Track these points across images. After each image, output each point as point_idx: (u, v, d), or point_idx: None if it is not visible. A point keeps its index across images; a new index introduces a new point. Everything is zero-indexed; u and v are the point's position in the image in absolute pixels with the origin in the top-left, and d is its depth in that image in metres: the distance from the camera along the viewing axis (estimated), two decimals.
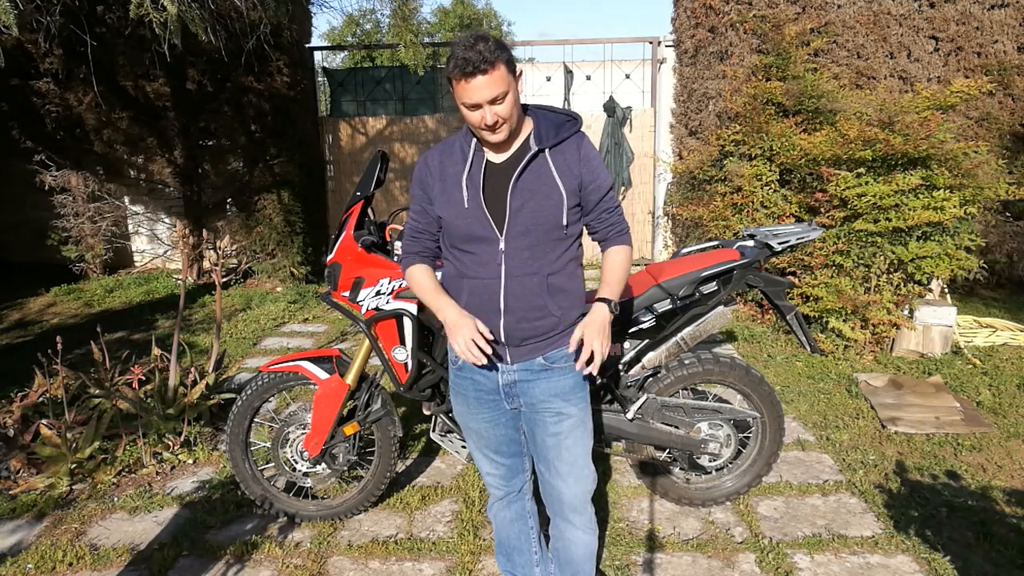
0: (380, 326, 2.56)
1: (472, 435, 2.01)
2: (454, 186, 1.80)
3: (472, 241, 1.79)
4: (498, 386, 1.88)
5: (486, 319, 1.78)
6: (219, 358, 3.81)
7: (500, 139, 1.73)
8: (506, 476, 2.04)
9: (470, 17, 25.02)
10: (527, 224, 1.74)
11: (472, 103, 1.66)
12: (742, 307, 5.81)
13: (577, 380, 1.87)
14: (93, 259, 7.18)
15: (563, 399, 1.86)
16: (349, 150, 7.96)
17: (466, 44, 1.61)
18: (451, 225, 1.81)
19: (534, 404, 1.88)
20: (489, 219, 1.75)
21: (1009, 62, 6.06)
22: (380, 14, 16.11)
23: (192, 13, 4.34)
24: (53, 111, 6.41)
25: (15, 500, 2.99)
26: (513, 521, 2.11)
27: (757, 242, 2.69)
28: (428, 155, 1.89)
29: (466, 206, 1.76)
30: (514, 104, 1.69)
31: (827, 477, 3.16)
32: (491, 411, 1.93)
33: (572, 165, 1.77)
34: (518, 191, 1.74)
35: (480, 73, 1.60)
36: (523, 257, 1.76)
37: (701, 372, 2.72)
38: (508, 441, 1.99)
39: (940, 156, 4.42)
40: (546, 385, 1.85)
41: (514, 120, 1.72)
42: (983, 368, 4.42)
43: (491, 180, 1.78)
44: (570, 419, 1.87)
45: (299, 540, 2.72)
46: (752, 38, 6.25)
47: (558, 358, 1.84)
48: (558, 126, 1.80)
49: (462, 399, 1.97)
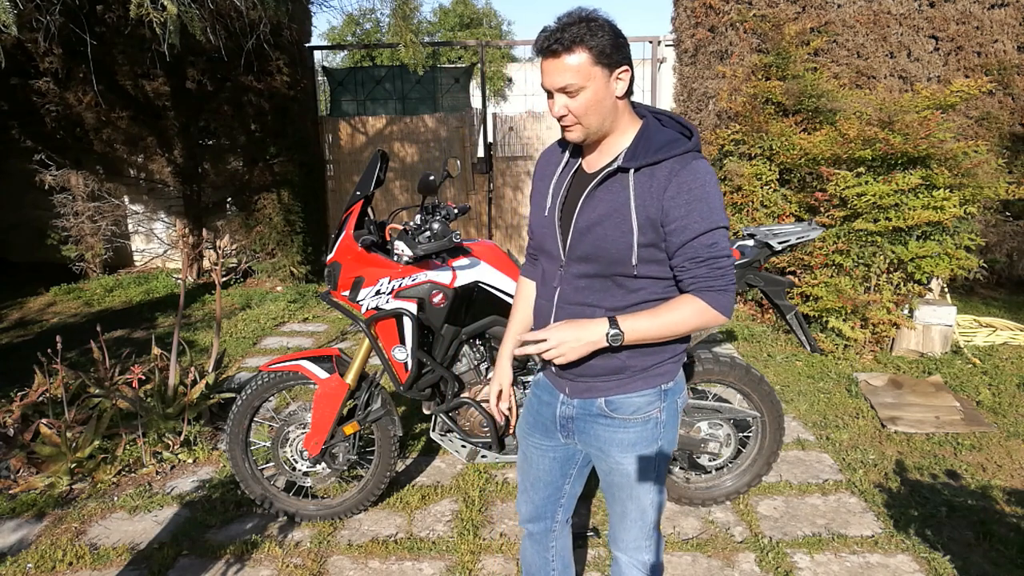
0: (380, 325, 2.56)
1: (521, 456, 1.84)
2: (545, 189, 1.62)
3: (543, 253, 1.63)
4: (555, 416, 1.68)
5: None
6: (219, 357, 3.81)
7: (574, 139, 1.50)
8: (531, 514, 1.86)
9: (470, 16, 25.00)
10: (588, 251, 1.50)
11: (544, 87, 1.44)
12: (742, 306, 5.81)
13: (641, 436, 1.60)
14: (93, 258, 7.17)
15: (619, 451, 1.62)
16: (349, 149, 7.95)
17: (559, 20, 1.40)
18: (533, 232, 1.66)
19: (589, 446, 1.68)
20: (558, 234, 1.56)
21: (1009, 61, 6.06)
22: (380, 13, 16.12)
23: (192, 13, 4.34)
24: (53, 110, 6.40)
25: (15, 499, 2.99)
26: (534, 553, 1.93)
27: (757, 241, 2.69)
28: (545, 151, 1.70)
29: (545, 214, 1.59)
30: (594, 103, 1.42)
31: (827, 477, 3.16)
32: (545, 439, 1.74)
33: (657, 193, 1.43)
34: (586, 211, 1.50)
35: (553, 55, 1.39)
36: (578, 286, 1.54)
37: (701, 371, 2.72)
38: (545, 481, 1.79)
39: (940, 155, 4.42)
40: (603, 433, 1.62)
41: (592, 123, 1.45)
42: (983, 368, 4.42)
43: (575, 191, 1.56)
44: (622, 475, 1.64)
45: (299, 539, 2.72)
46: (752, 37, 6.25)
47: (623, 407, 1.58)
48: (662, 143, 1.46)
49: (527, 414, 1.80)
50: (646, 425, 1.60)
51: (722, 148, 5.85)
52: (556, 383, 1.67)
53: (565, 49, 1.38)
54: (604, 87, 1.42)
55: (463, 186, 7.89)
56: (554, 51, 1.39)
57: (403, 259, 2.49)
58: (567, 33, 1.37)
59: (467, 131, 7.80)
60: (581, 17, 1.39)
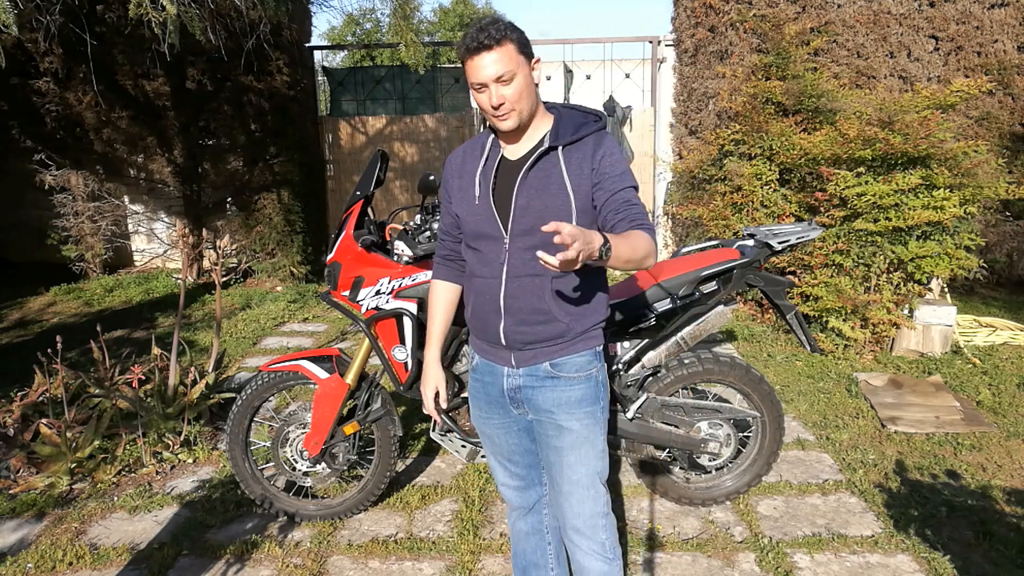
0: (380, 325, 2.56)
1: (486, 440, 1.95)
2: (469, 182, 1.76)
3: (480, 238, 1.74)
4: (503, 390, 1.81)
5: (487, 320, 1.75)
6: (219, 357, 3.81)
7: (509, 126, 1.65)
8: (520, 488, 1.97)
9: (470, 16, 25.01)
10: (531, 224, 1.66)
11: (479, 82, 1.61)
12: (742, 306, 5.81)
13: (585, 393, 1.76)
14: (93, 258, 7.18)
15: (567, 411, 1.76)
16: (349, 149, 7.95)
17: (478, 25, 1.59)
18: (464, 222, 1.78)
19: (538, 414, 1.80)
20: (496, 216, 1.70)
21: (1009, 61, 6.06)
22: (380, 13, 16.12)
23: (191, 13, 4.34)
24: (53, 110, 6.40)
25: (15, 499, 2.99)
26: (529, 535, 2.03)
27: (757, 241, 2.69)
28: (454, 153, 1.86)
29: (476, 202, 1.73)
30: (524, 89, 1.62)
31: (827, 476, 3.16)
32: (502, 416, 1.86)
33: (585, 164, 1.66)
34: (524, 189, 1.68)
35: (485, 49, 1.57)
36: (525, 258, 1.67)
37: (701, 371, 2.71)
38: (521, 451, 1.91)
39: (940, 155, 4.42)
40: (551, 394, 1.76)
41: (524, 107, 1.64)
42: (983, 367, 4.42)
43: (503, 177, 1.72)
44: (572, 434, 1.77)
45: (299, 539, 2.72)
46: (752, 37, 6.25)
47: (567, 366, 1.74)
48: (578, 124, 1.71)
49: (475, 401, 1.92)
50: (588, 383, 1.77)
51: (722, 148, 5.85)
52: (498, 359, 1.80)
53: (496, 42, 1.57)
54: (528, 73, 1.64)
55: None
56: (487, 46, 1.57)
57: (403, 259, 2.49)
58: (493, 29, 1.57)
59: (467, 131, 7.79)
60: (495, 19, 1.61)
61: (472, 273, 1.80)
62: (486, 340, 1.81)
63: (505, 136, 1.73)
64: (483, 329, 1.79)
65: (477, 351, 1.88)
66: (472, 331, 1.87)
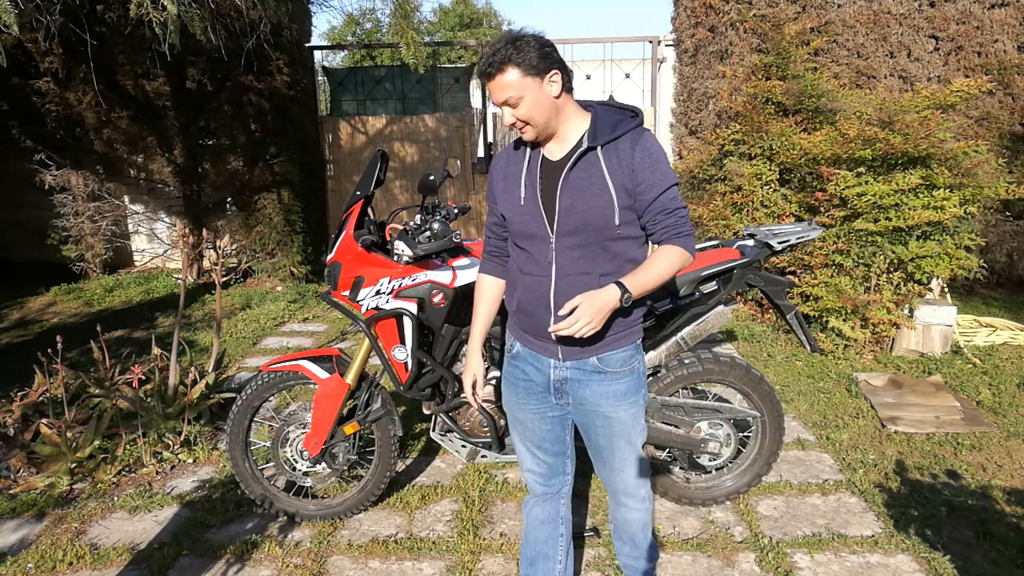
0: (380, 325, 2.56)
1: (517, 426, 2.00)
2: (514, 184, 1.81)
3: (526, 238, 1.80)
4: (548, 381, 1.87)
5: (536, 315, 1.81)
6: (219, 357, 3.81)
7: (529, 139, 1.74)
8: (546, 474, 2.02)
9: (470, 16, 25.01)
10: (576, 223, 1.71)
11: (492, 103, 1.71)
12: (742, 306, 5.81)
13: (629, 386, 1.85)
14: (93, 258, 7.18)
15: (613, 403, 1.84)
16: (349, 149, 7.95)
17: (489, 48, 1.65)
18: (510, 222, 1.84)
19: (583, 405, 1.87)
20: (543, 216, 1.75)
21: (1009, 61, 6.06)
22: (380, 13, 16.11)
23: (192, 13, 4.33)
24: (53, 110, 6.40)
25: (15, 499, 2.99)
26: (544, 523, 2.06)
27: (757, 241, 2.69)
28: (498, 156, 1.92)
29: (522, 203, 1.78)
30: (534, 106, 1.66)
31: (827, 476, 3.16)
32: (538, 403, 1.92)
33: (625, 162, 1.70)
34: (567, 189, 1.72)
35: (489, 77, 1.65)
36: (573, 256, 1.74)
37: (701, 371, 2.71)
38: (553, 438, 1.97)
39: (940, 155, 4.42)
40: (598, 388, 1.83)
41: (539, 122, 1.69)
42: (983, 367, 4.42)
43: (547, 178, 1.77)
44: (620, 423, 1.87)
45: (299, 539, 2.72)
46: (752, 37, 6.25)
47: (613, 361, 1.82)
48: (615, 123, 1.74)
49: (511, 387, 1.97)
50: (631, 376, 1.86)
51: (722, 148, 5.85)
52: (544, 351, 1.85)
53: (498, 70, 1.63)
54: (539, 92, 1.66)
55: (463, 186, 7.89)
56: (490, 74, 1.64)
57: (403, 259, 2.49)
58: (497, 57, 1.62)
59: (467, 131, 7.80)
60: (508, 40, 1.63)
61: (521, 270, 1.85)
62: (532, 333, 1.86)
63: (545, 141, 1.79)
64: (531, 323, 1.84)
65: (520, 341, 1.92)
66: (518, 323, 1.92)
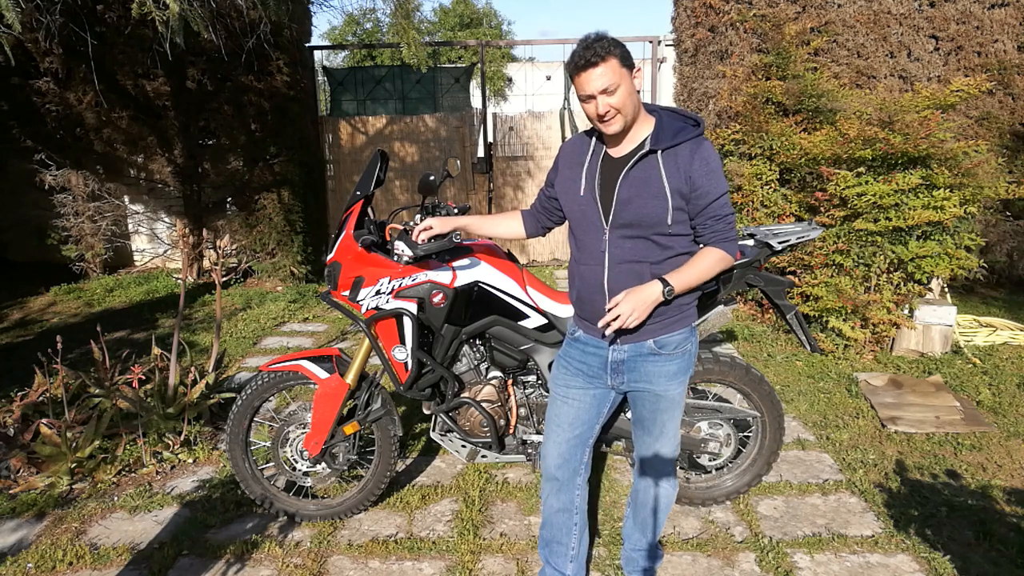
0: (380, 325, 2.56)
1: (553, 404, 2.13)
2: (577, 174, 1.96)
3: (583, 228, 1.95)
4: (606, 362, 2.00)
5: (594, 302, 1.95)
6: (219, 357, 3.81)
7: (614, 130, 1.83)
8: (564, 455, 2.10)
9: (470, 16, 25.00)
10: (631, 219, 1.86)
11: (586, 94, 1.79)
12: (742, 306, 5.81)
13: (680, 366, 2.00)
14: (93, 258, 7.18)
15: (665, 382, 1.99)
16: (349, 149, 7.95)
17: (584, 43, 1.77)
18: (567, 210, 2.02)
19: (637, 382, 2.01)
20: (599, 208, 1.90)
21: (1009, 61, 6.06)
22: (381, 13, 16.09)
23: (194, 11, 4.33)
24: (53, 110, 6.40)
25: (15, 499, 2.99)
26: (559, 512, 2.17)
27: (757, 241, 2.68)
28: (569, 142, 2.07)
29: (581, 194, 1.93)
30: (627, 96, 1.79)
31: (827, 476, 3.16)
32: (585, 381, 2.06)
33: (683, 168, 1.83)
34: (626, 186, 1.86)
35: (592, 66, 1.74)
36: (625, 247, 1.89)
37: (701, 371, 2.72)
38: (584, 420, 2.08)
39: (940, 155, 4.42)
40: (653, 368, 1.98)
41: (628, 112, 1.81)
42: (983, 367, 4.42)
43: (606, 173, 1.91)
44: (667, 400, 2.03)
45: (299, 539, 2.72)
46: (752, 37, 6.24)
47: (668, 344, 1.96)
48: (677, 130, 1.87)
49: (564, 366, 2.11)
50: (684, 357, 2.01)
51: (722, 148, 5.85)
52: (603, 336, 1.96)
53: (601, 59, 1.74)
54: (630, 83, 1.81)
55: (463, 186, 7.89)
56: (593, 63, 1.74)
57: (403, 259, 2.49)
58: (599, 47, 1.74)
59: (467, 131, 7.80)
60: (599, 36, 1.78)
61: (577, 261, 2.02)
62: (590, 319, 1.99)
63: (610, 138, 1.91)
64: (590, 310, 1.98)
65: (582, 328, 2.07)
66: (579, 311, 2.07)
